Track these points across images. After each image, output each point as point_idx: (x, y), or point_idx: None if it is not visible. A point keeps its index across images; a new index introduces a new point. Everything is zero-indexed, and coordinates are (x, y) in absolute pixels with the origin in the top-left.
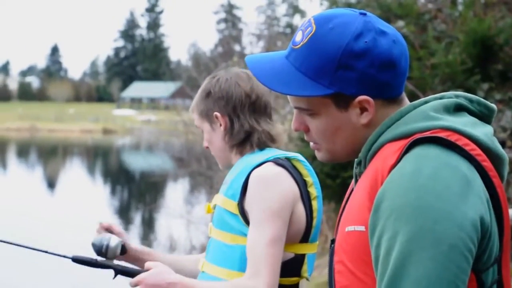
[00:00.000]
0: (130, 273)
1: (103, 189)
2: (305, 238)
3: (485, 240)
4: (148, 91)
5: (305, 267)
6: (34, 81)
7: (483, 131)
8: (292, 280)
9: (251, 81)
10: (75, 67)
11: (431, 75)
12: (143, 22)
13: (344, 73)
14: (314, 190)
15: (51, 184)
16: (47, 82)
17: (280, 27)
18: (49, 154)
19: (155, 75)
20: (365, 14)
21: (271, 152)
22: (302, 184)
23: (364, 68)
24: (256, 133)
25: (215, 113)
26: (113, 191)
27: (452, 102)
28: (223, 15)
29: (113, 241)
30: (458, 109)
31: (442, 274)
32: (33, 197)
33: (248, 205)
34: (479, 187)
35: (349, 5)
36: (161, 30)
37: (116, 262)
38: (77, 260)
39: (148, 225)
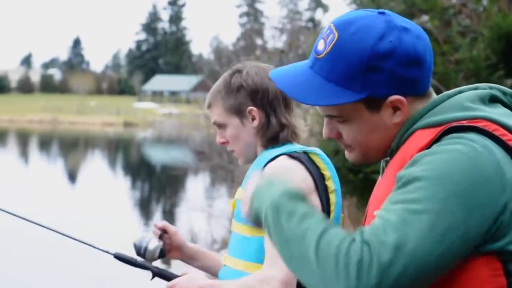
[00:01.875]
0: (166, 277)
1: (124, 182)
2: None
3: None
4: (169, 84)
5: None
6: (56, 74)
7: None
8: None
9: None
10: (97, 59)
11: (455, 70)
12: (165, 15)
13: (373, 75)
14: (332, 184)
15: (72, 176)
16: (69, 75)
17: (303, 21)
18: (71, 147)
19: (176, 69)
20: (384, 13)
21: (290, 146)
22: (318, 177)
23: (392, 67)
24: (287, 128)
25: (250, 107)
26: (133, 184)
27: (487, 93)
28: (245, 8)
29: (152, 244)
30: (492, 100)
31: (458, 227)
32: (55, 190)
33: None
34: (510, 177)
35: (373, 1)
36: (183, 23)
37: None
38: (118, 257)
39: (169, 219)
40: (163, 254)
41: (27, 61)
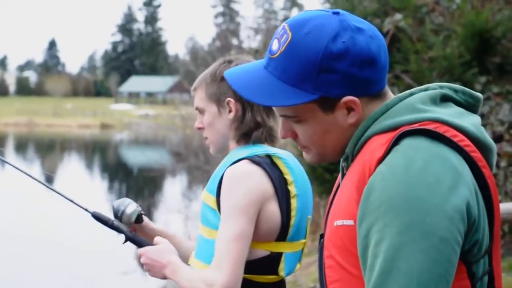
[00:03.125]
0: (138, 243)
1: (101, 184)
2: (282, 236)
3: (472, 232)
4: (146, 85)
5: (282, 265)
6: (31, 76)
7: (471, 121)
8: (269, 278)
9: None
10: (73, 61)
11: (429, 68)
12: (140, 16)
13: (326, 76)
14: (294, 189)
15: (49, 178)
16: (44, 77)
17: (278, 21)
18: (47, 149)
19: (152, 70)
20: (338, 13)
21: (256, 149)
22: (279, 182)
23: (346, 68)
24: (262, 128)
25: (229, 98)
26: (111, 186)
27: (438, 93)
28: (220, 9)
29: (130, 208)
30: (444, 99)
31: (433, 267)
32: (31, 192)
33: (220, 201)
34: (468, 179)
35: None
36: (159, 24)
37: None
38: (96, 216)
39: None
40: (139, 220)
41: (2, 64)
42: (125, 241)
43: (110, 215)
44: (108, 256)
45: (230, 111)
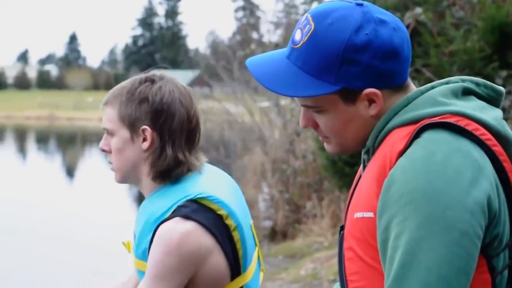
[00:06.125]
0: None
1: None
2: (236, 273)
3: (492, 225)
4: None
5: None
6: (52, 70)
7: (492, 115)
8: None
9: (193, 101)
10: (94, 55)
11: (449, 62)
12: (161, 10)
13: (349, 68)
14: (232, 221)
15: (70, 172)
16: (65, 71)
17: (298, 15)
18: (68, 142)
19: (173, 64)
20: (361, 5)
21: (179, 194)
22: (216, 226)
23: (368, 60)
24: (182, 166)
25: (145, 126)
26: None
27: (459, 86)
28: (241, 3)
29: None
30: (465, 93)
31: (453, 261)
32: (52, 186)
33: (148, 260)
34: (489, 172)
35: None
36: (179, 18)
37: None
38: None
39: None
40: None
41: (23, 57)
42: None
43: (131, 213)
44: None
45: (144, 140)
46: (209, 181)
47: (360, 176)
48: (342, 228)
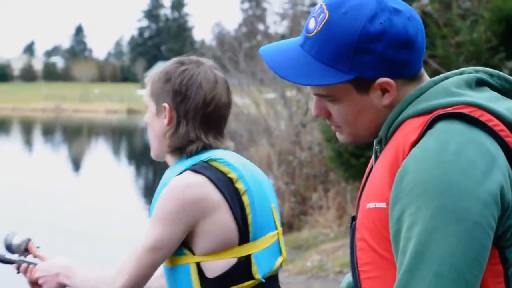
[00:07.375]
0: (32, 264)
1: (128, 169)
2: (244, 238)
3: (505, 217)
4: None
5: (254, 267)
6: (59, 62)
7: (506, 106)
8: (247, 285)
9: (216, 87)
10: (100, 47)
11: (456, 53)
12: (167, 1)
13: (363, 57)
14: (241, 185)
15: (76, 164)
16: (71, 63)
17: (304, 6)
18: (74, 135)
19: (179, 55)
20: None
21: (196, 158)
22: (225, 184)
23: (382, 50)
24: (194, 144)
25: (165, 104)
26: (137, 171)
27: (473, 77)
28: None
29: (16, 239)
30: (479, 84)
31: (466, 252)
32: (58, 178)
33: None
34: (502, 163)
35: None
36: (185, 9)
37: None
38: None
39: None
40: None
41: (29, 49)
42: (17, 272)
43: (138, 198)
44: None
45: (165, 117)
46: (225, 153)
47: (372, 167)
48: (354, 218)
